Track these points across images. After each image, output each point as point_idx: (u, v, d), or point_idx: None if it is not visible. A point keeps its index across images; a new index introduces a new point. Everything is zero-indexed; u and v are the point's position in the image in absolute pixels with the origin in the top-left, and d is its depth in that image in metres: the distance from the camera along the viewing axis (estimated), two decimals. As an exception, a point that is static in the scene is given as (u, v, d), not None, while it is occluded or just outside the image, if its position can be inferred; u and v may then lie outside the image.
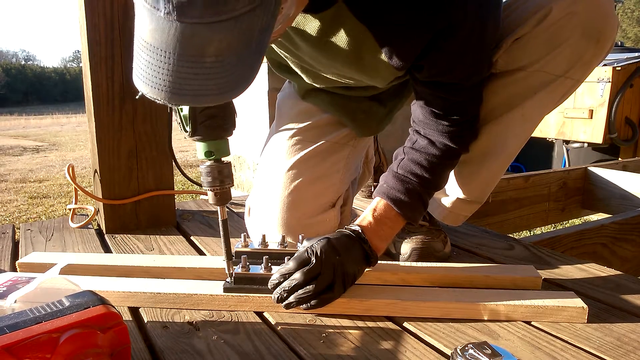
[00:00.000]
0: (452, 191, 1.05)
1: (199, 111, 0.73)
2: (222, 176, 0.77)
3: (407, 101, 1.13)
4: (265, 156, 1.14)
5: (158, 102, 0.58)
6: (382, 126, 1.13)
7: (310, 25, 0.83)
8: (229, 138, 0.78)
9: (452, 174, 1.00)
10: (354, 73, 0.91)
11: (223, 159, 0.78)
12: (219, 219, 0.80)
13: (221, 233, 0.80)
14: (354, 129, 1.11)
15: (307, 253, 0.79)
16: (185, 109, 0.74)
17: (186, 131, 0.75)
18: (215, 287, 0.83)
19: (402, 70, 0.85)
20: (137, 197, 1.26)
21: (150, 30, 0.53)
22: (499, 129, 0.95)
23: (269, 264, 0.83)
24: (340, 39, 0.83)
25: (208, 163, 0.77)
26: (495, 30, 0.85)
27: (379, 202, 0.90)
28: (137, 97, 0.65)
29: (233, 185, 0.81)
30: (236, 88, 0.58)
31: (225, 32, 0.53)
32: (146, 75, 0.56)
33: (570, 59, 0.88)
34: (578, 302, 0.78)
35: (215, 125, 0.75)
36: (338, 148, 1.10)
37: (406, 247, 1.03)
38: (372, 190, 1.50)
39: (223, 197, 0.78)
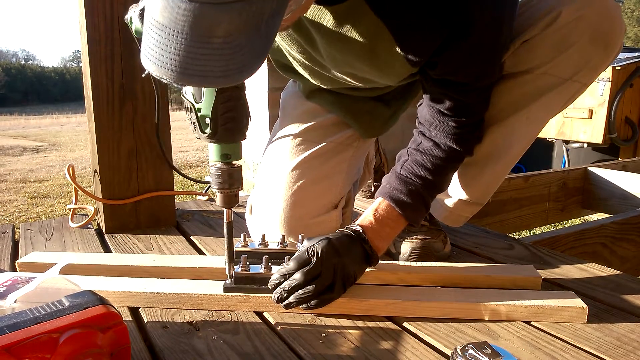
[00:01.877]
0: (454, 192, 1.05)
1: (220, 113, 0.73)
2: (231, 179, 0.77)
3: (412, 102, 1.13)
4: (268, 155, 1.13)
5: (164, 81, 0.58)
6: (386, 127, 1.13)
7: (326, 17, 0.83)
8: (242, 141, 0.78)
9: (454, 175, 1.00)
10: (368, 70, 0.91)
11: (235, 162, 0.77)
12: (224, 221, 0.80)
13: (225, 235, 0.80)
14: (359, 129, 1.10)
15: (308, 253, 0.79)
16: (205, 110, 0.73)
17: (203, 132, 0.74)
18: (215, 287, 0.83)
19: (417, 66, 0.85)
20: (137, 198, 1.26)
21: (160, 8, 0.53)
22: (505, 131, 0.94)
23: (269, 264, 0.83)
24: (356, 32, 0.83)
25: (219, 165, 0.77)
26: (509, 31, 0.85)
27: (380, 203, 0.89)
28: (143, 75, 0.65)
29: (242, 189, 0.81)
30: (244, 71, 0.57)
31: (234, 14, 0.53)
32: (154, 55, 0.56)
33: (577, 62, 0.88)
34: (578, 302, 0.78)
35: (235, 128, 0.74)
36: (342, 149, 1.10)
37: (406, 246, 1.03)
38: (373, 190, 1.50)
39: (230, 200, 0.78)
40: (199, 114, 0.74)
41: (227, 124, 0.73)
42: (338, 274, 0.79)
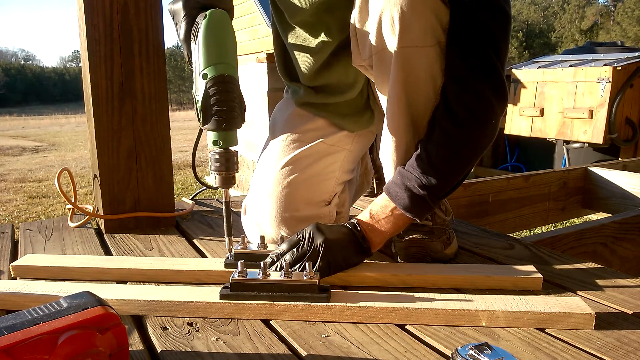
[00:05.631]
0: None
1: (209, 104, 0.82)
2: (228, 163, 0.86)
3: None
4: (261, 159, 1.16)
5: None
6: (372, 116, 1.15)
7: None
8: (238, 130, 0.87)
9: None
10: None
11: (230, 147, 0.87)
12: (223, 200, 0.89)
13: (224, 212, 0.89)
14: (346, 124, 1.12)
15: (297, 235, 0.87)
16: (199, 101, 0.83)
17: (199, 120, 0.85)
18: (212, 294, 0.81)
19: None
20: (131, 214, 1.26)
21: None
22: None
23: (267, 271, 0.82)
24: None
25: (217, 150, 0.86)
26: None
27: (380, 196, 0.93)
28: None
29: (238, 172, 0.90)
30: None
31: None
32: None
33: (425, 26, 0.85)
34: (585, 309, 0.76)
35: (225, 118, 0.83)
36: (334, 150, 1.11)
37: (399, 246, 1.02)
38: (373, 189, 1.51)
39: (227, 181, 0.87)
40: (197, 105, 0.85)
41: (215, 115, 0.83)
42: (323, 253, 0.84)
